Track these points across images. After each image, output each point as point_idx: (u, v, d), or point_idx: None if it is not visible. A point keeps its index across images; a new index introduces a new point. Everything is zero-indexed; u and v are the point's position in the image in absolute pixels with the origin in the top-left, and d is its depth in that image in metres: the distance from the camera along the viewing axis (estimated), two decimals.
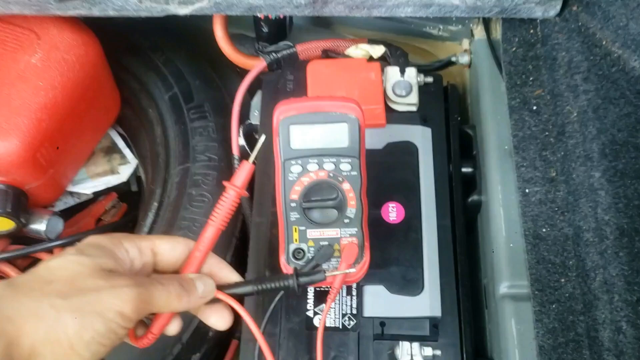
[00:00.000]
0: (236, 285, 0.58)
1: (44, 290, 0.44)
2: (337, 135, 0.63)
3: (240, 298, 0.58)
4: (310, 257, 0.64)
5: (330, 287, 0.65)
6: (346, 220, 0.64)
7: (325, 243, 0.65)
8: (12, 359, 0.41)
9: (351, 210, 0.64)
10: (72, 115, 0.87)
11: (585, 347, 0.65)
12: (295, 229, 0.65)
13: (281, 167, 0.63)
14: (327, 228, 0.64)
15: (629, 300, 0.64)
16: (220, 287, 0.57)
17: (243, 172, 0.59)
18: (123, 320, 0.45)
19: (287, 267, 0.65)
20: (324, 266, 0.64)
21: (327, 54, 0.87)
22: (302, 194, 0.64)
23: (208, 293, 0.54)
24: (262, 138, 0.62)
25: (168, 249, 0.54)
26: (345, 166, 0.63)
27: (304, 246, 0.65)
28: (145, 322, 0.54)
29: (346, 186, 0.64)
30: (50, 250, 0.88)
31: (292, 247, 0.65)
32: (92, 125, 0.95)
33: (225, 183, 0.58)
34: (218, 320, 0.57)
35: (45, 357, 0.42)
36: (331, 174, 0.63)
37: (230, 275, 0.58)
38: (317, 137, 0.63)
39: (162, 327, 0.54)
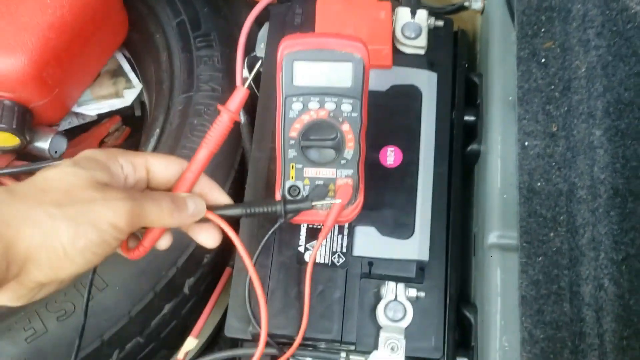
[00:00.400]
0: (226, 207, 0.59)
1: (41, 199, 0.44)
2: (341, 74, 0.62)
3: (231, 222, 0.59)
4: (305, 195, 0.66)
5: (322, 225, 0.66)
6: (343, 162, 0.65)
7: (321, 182, 0.66)
8: (8, 261, 0.42)
9: (349, 151, 0.64)
10: (80, 35, 0.87)
11: (566, 301, 0.67)
12: (293, 166, 0.65)
13: (282, 104, 0.63)
14: (323, 168, 0.65)
15: (614, 259, 0.65)
16: (211, 208, 0.57)
17: (237, 97, 0.59)
18: (116, 231, 0.46)
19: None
20: (318, 205, 0.65)
21: None
22: (302, 132, 0.64)
23: (198, 212, 0.55)
24: (259, 64, 0.61)
25: (162, 167, 0.55)
26: (346, 107, 0.63)
27: (299, 184, 0.66)
28: (137, 235, 0.56)
29: (345, 127, 0.64)
30: None
31: (288, 183, 0.66)
32: (98, 46, 0.94)
33: (219, 107, 0.58)
34: (207, 238, 0.58)
35: (40, 262, 0.44)
36: (332, 114, 0.63)
37: (221, 197, 0.59)
38: (320, 75, 0.62)
39: (154, 241, 0.55)
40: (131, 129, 1.07)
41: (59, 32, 0.83)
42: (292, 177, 0.66)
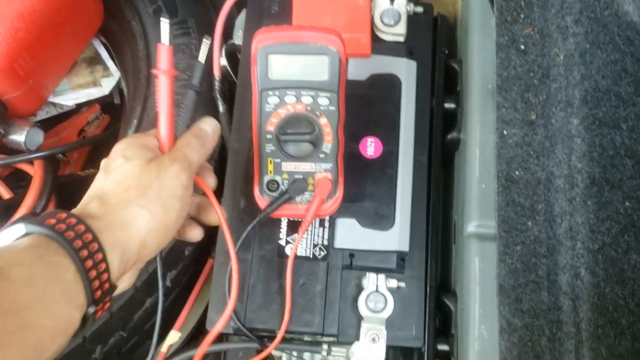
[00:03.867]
0: None
1: (129, 198, 0.51)
2: (317, 68, 0.62)
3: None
4: (283, 190, 0.66)
5: (302, 219, 0.66)
6: (321, 155, 0.65)
7: (300, 176, 0.66)
8: (127, 258, 0.50)
9: (327, 145, 0.65)
10: (51, 24, 0.85)
11: (544, 289, 0.68)
12: (270, 160, 0.65)
13: (258, 97, 0.63)
14: (302, 162, 0.65)
15: (590, 248, 0.66)
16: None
17: (162, 54, 0.58)
18: (187, 190, 0.55)
19: (260, 198, 0.66)
20: (297, 199, 0.66)
21: None
22: (279, 126, 0.64)
23: (215, 129, 0.62)
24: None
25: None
26: (323, 100, 0.63)
27: (278, 178, 0.66)
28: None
29: (323, 121, 0.64)
30: (30, 162, 0.88)
31: (267, 178, 0.66)
32: (73, 35, 0.92)
33: (152, 71, 0.59)
34: (193, 233, 0.62)
35: (151, 245, 0.52)
36: (309, 108, 0.63)
37: (210, 179, 0.63)
38: (296, 68, 0.62)
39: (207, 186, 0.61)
40: (111, 117, 1.06)
41: (28, 22, 0.82)
42: (270, 172, 0.66)
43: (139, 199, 0.51)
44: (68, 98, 0.98)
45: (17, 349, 0.40)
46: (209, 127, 0.61)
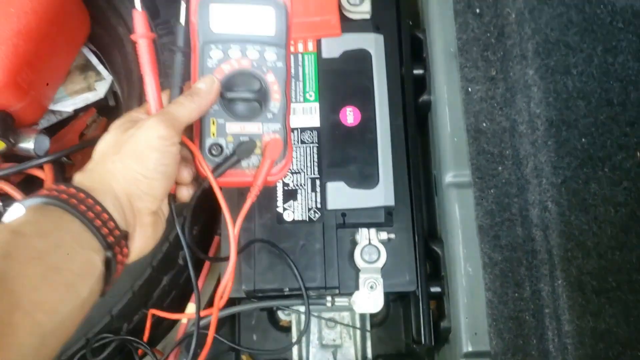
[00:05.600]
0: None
1: (104, 157, 0.55)
2: (263, 21, 0.60)
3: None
4: (228, 153, 0.60)
5: (251, 186, 0.62)
6: (269, 115, 0.61)
7: (246, 138, 0.60)
8: (123, 209, 0.53)
9: (275, 104, 0.61)
10: (46, 38, 0.91)
11: (518, 225, 0.76)
12: (213, 121, 0.60)
13: (199, 51, 0.59)
14: (248, 122, 0.60)
15: (554, 183, 0.74)
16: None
17: (137, 20, 0.59)
18: (166, 140, 0.54)
19: (203, 164, 0.60)
20: (244, 163, 0.61)
21: None
22: (222, 83, 0.60)
23: (209, 84, 0.59)
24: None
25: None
26: (270, 55, 0.60)
27: (222, 141, 0.60)
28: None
29: (270, 78, 0.60)
30: (40, 166, 0.95)
31: (209, 141, 0.60)
32: (65, 45, 0.99)
33: (131, 36, 0.59)
34: (181, 192, 0.62)
35: (137, 194, 0.54)
36: (255, 64, 0.60)
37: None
38: (241, 20, 0.59)
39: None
40: (107, 118, 1.12)
41: (26, 38, 0.88)
42: (213, 134, 0.60)
43: (113, 155, 0.54)
44: (66, 104, 1.05)
45: (50, 289, 0.45)
46: (203, 84, 0.59)
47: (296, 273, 0.75)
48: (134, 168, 0.54)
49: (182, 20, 0.61)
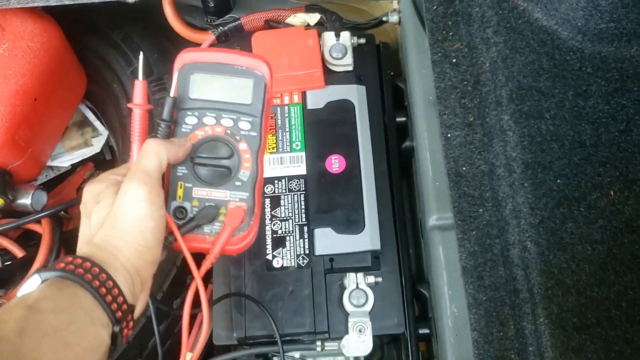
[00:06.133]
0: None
1: (107, 235, 0.56)
2: (241, 90, 0.61)
3: None
4: (191, 217, 0.61)
5: (208, 254, 0.62)
6: (238, 183, 0.61)
7: (212, 204, 0.61)
8: (133, 282, 0.56)
9: (244, 172, 0.61)
10: (43, 97, 0.96)
11: (500, 265, 0.78)
12: (181, 185, 0.61)
13: (177, 118, 0.61)
14: (215, 189, 0.61)
15: (532, 223, 0.76)
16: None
17: (137, 90, 0.62)
18: (150, 203, 0.55)
19: (171, 225, 0.60)
20: (206, 229, 0.61)
21: (269, 24, 0.95)
22: (194, 149, 0.61)
23: (183, 141, 0.61)
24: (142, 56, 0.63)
25: None
26: (244, 125, 0.61)
27: (187, 205, 0.61)
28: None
29: (243, 146, 0.61)
30: (38, 221, 0.98)
31: (174, 204, 0.61)
32: (62, 103, 1.03)
33: (129, 105, 0.62)
34: None
35: (144, 264, 0.57)
36: (228, 131, 0.61)
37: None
38: (218, 89, 0.60)
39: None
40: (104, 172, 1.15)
41: (24, 98, 0.92)
42: (179, 197, 0.61)
43: (114, 231, 0.56)
44: (64, 160, 1.09)
45: None
46: (177, 140, 0.61)
47: (271, 321, 0.77)
48: (137, 242, 0.56)
49: (172, 92, 0.62)
